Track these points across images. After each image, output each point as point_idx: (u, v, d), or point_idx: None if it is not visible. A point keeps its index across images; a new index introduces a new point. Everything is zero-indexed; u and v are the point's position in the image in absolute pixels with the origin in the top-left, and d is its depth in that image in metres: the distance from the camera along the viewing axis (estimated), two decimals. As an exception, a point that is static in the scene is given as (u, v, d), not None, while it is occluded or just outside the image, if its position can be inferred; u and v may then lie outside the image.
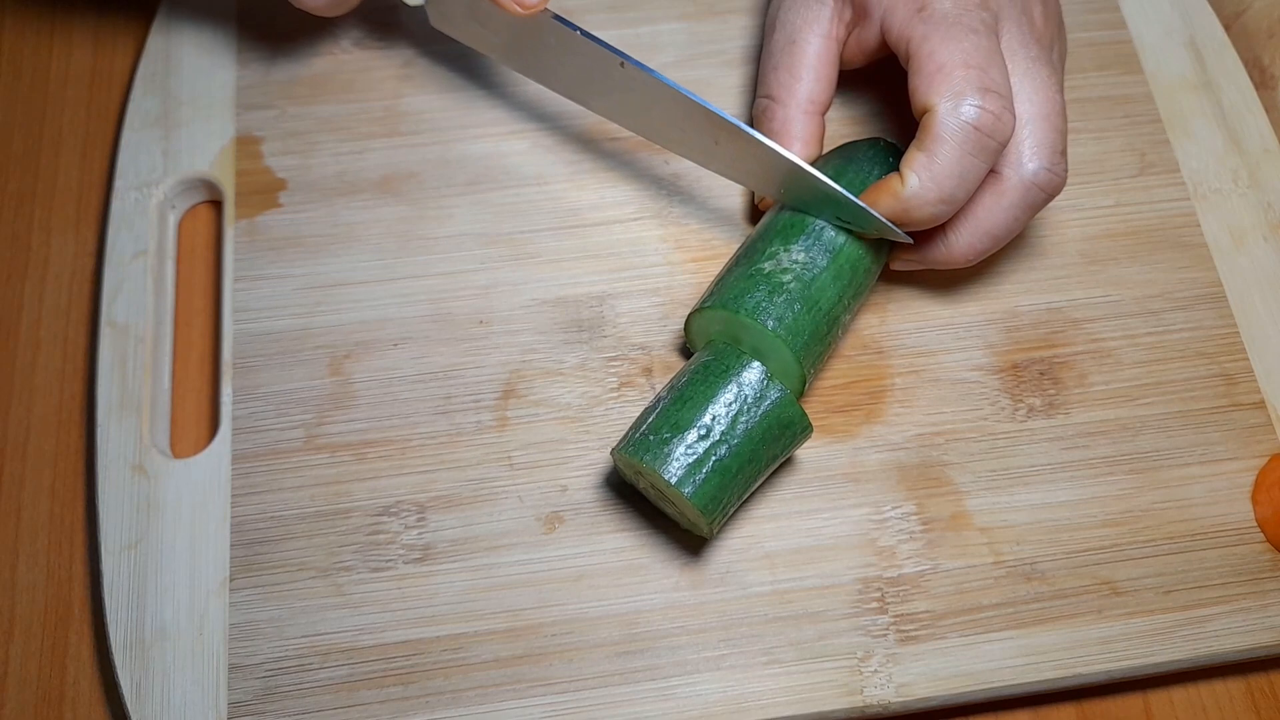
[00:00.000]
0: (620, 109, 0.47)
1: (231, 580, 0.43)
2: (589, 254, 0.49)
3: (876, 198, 0.43)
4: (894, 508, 0.45)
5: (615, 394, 0.47)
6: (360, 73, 0.53)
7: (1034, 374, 0.48)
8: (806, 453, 0.46)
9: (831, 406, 0.47)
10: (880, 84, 0.53)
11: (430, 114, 0.52)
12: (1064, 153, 0.44)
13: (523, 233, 0.50)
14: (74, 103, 0.54)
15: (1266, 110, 0.54)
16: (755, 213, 0.50)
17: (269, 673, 0.42)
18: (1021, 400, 0.47)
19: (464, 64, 0.53)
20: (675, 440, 0.40)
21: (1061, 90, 0.44)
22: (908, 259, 0.46)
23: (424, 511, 0.45)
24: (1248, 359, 0.48)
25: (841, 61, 0.47)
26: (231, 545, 0.44)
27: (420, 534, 0.44)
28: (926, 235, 0.45)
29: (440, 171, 0.51)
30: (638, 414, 0.46)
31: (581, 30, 0.44)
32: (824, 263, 0.44)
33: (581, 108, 0.52)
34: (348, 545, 0.44)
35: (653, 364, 0.47)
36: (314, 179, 0.50)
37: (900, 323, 0.48)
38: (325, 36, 0.53)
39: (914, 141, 0.42)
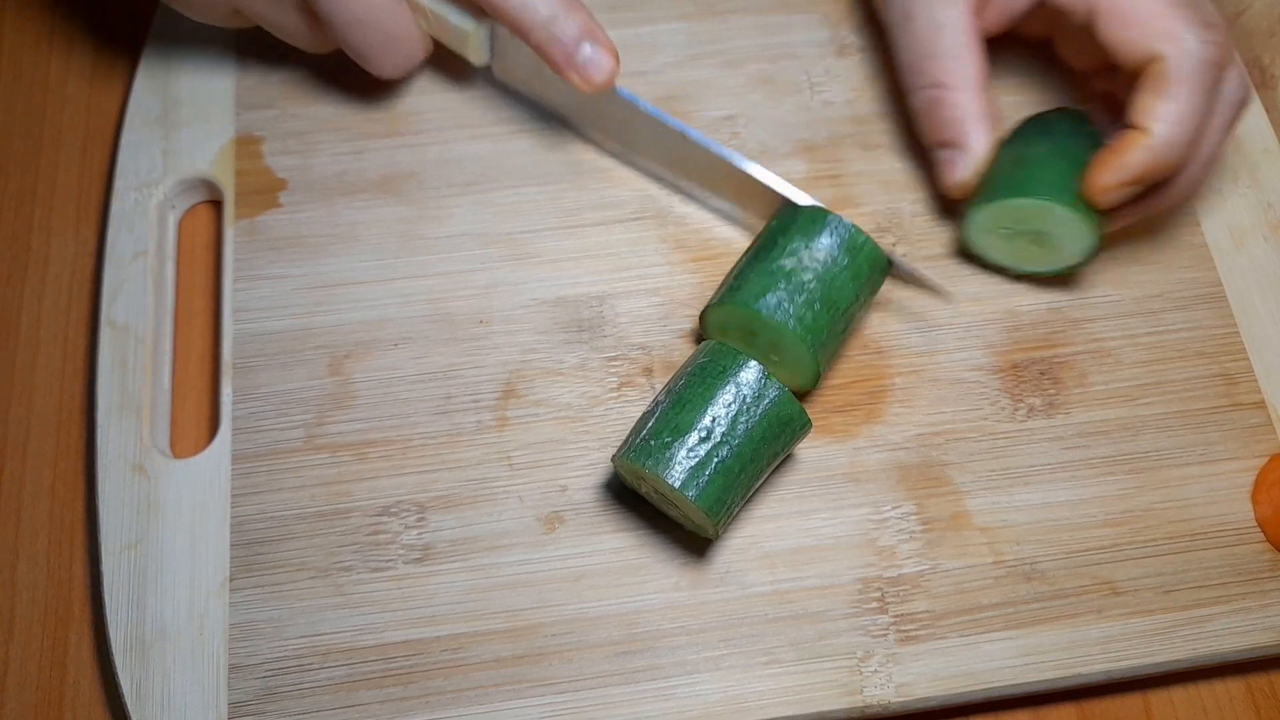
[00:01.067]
0: (678, 174, 0.49)
1: (231, 580, 0.43)
2: (589, 254, 0.49)
3: (1126, 153, 0.42)
4: (894, 507, 0.45)
5: (615, 394, 0.47)
6: (360, 73, 0.52)
7: (1034, 374, 0.48)
8: (806, 453, 0.46)
9: (831, 406, 0.47)
10: (881, 84, 0.53)
11: (430, 114, 0.52)
12: (1211, 24, 0.43)
13: (523, 233, 0.50)
14: (74, 103, 0.54)
15: (1266, 110, 0.54)
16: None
17: (269, 673, 0.42)
18: (1021, 400, 0.47)
19: (464, 64, 0.53)
20: (676, 444, 0.40)
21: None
22: (1134, 213, 0.46)
23: (424, 511, 0.45)
24: (1248, 359, 0.48)
25: (984, 31, 0.47)
26: (231, 545, 0.44)
27: (420, 534, 0.44)
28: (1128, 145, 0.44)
29: (440, 171, 0.51)
30: (638, 414, 0.46)
31: (645, 105, 0.46)
32: (845, 261, 0.44)
33: (581, 108, 0.52)
34: (348, 545, 0.44)
35: (653, 364, 0.47)
36: (314, 179, 0.50)
37: (900, 323, 0.48)
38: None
39: (1145, 89, 0.42)
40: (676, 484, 0.40)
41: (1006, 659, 0.43)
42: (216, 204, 0.51)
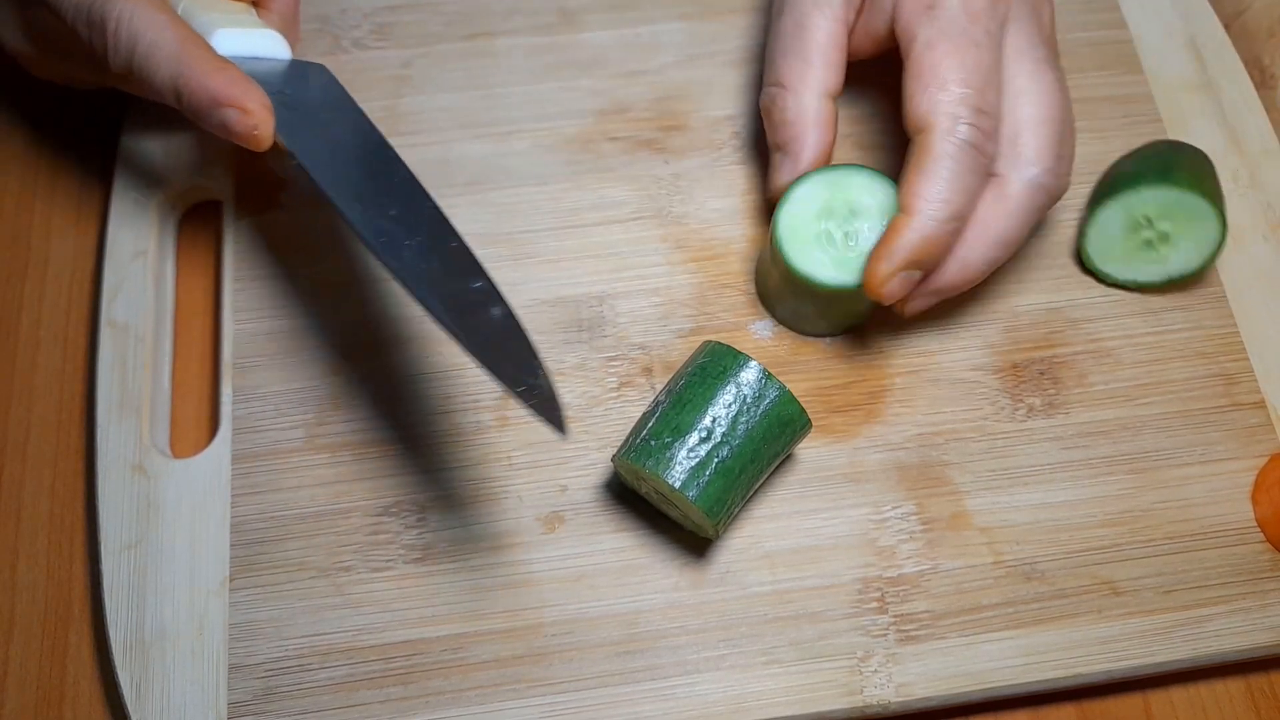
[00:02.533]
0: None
1: (231, 580, 0.43)
2: (589, 254, 0.49)
3: (893, 237, 0.41)
4: (894, 507, 0.45)
5: (615, 394, 0.47)
6: (360, 73, 0.53)
7: (1034, 374, 0.48)
8: (806, 453, 0.46)
9: (831, 406, 0.47)
10: (880, 83, 0.53)
11: (430, 114, 0.52)
12: (1066, 157, 0.44)
13: (523, 233, 0.50)
14: (74, 102, 0.54)
15: (1266, 110, 0.54)
16: (768, 209, 0.50)
17: (269, 673, 0.42)
18: (1021, 400, 0.47)
19: (464, 64, 0.53)
20: (677, 444, 0.40)
21: (1066, 92, 0.44)
22: (923, 296, 0.44)
23: (424, 511, 0.45)
24: (1247, 359, 0.48)
25: (849, 50, 0.46)
26: (231, 545, 0.44)
27: (420, 534, 0.44)
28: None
29: (440, 171, 0.51)
30: (638, 414, 0.46)
31: (308, 172, 0.41)
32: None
33: (581, 107, 0.52)
34: (348, 545, 0.44)
35: (653, 364, 0.47)
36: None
37: (900, 323, 0.48)
38: (325, 37, 0.53)
39: (910, 166, 0.42)
40: (677, 484, 0.40)
41: (1006, 659, 0.43)
42: (216, 204, 0.51)
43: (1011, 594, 0.44)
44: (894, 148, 0.52)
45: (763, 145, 0.52)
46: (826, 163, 0.46)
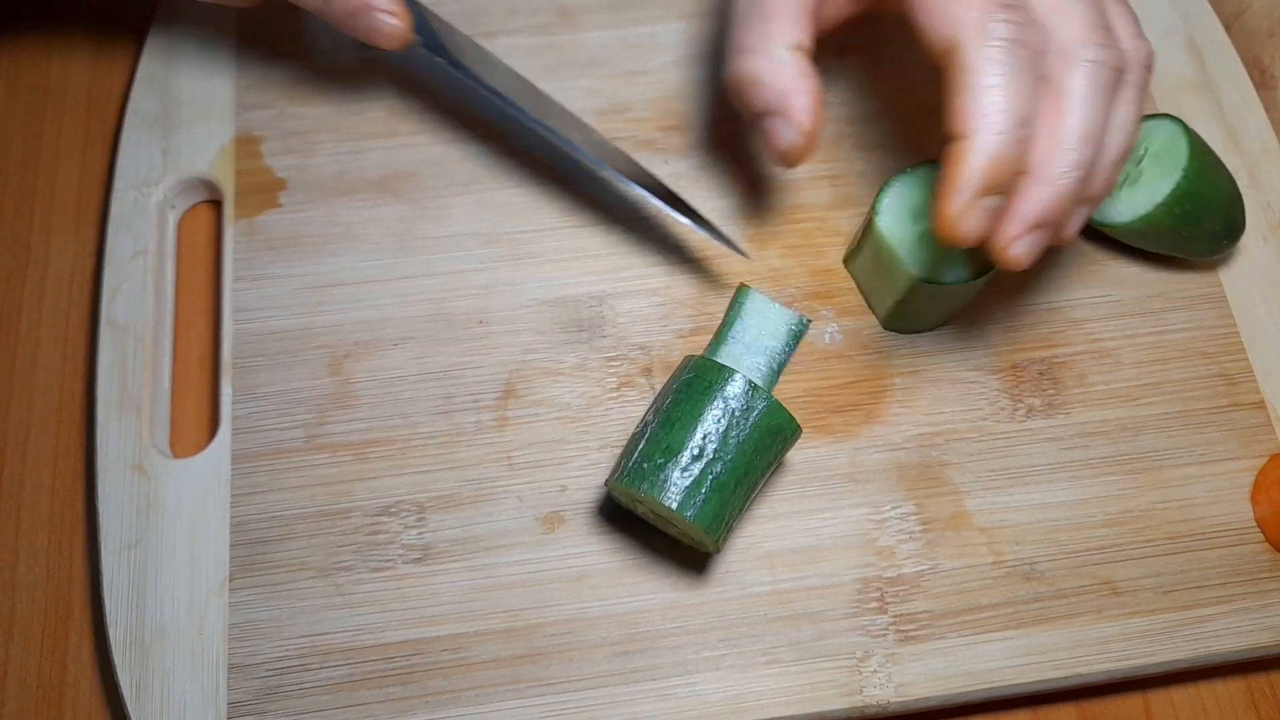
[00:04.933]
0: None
1: (231, 580, 0.43)
2: (589, 254, 0.49)
3: (957, 169, 0.37)
4: (893, 508, 0.45)
5: (615, 394, 0.47)
6: (360, 73, 0.53)
7: (1034, 374, 0.48)
8: (806, 453, 0.46)
9: (831, 406, 0.47)
10: (878, 80, 0.53)
11: (430, 114, 0.52)
12: (1110, 26, 0.39)
13: (523, 233, 0.50)
14: (74, 103, 0.54)
15: (1266, 110, 0.54)
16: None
17: (269, 673, 0.42)
18: (1021, 400, 0.47)
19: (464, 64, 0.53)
20: (669, 465, 0.40)
21: None
22: (1029, 231, 0.38)
23: (424, 511, 0.45)
24: (1247, 359, 0.48)
25: (820, 19, 0.43)
26: (231, 545, 0.44)
27: (420, 534, 0.44)
28: (1018, 193, 0.38)
29: (440, 171, 0.51)
30: (638, 414, 0.46)
31: (452, 60, 0.46)
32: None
33: (581, 107, 0.52)
34: (348, 545, 0.44)
35: (652, 364, 0.47)
36: (314, 179, 0.50)
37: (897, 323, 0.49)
38: (325, 36, 0.53)
39: (950, 89, 0.37)
40: (673, 506, 0.39)
41: (1006, 659, 0.43)
42: (216, 204, 0.51)
43: (1011, 594, 0.44)
44: (894, 148, 0.52)
45: (762, 146, 0.52)
46: (820, 114, 0.42)
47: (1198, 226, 0.47)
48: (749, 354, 0.46)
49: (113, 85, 0.55)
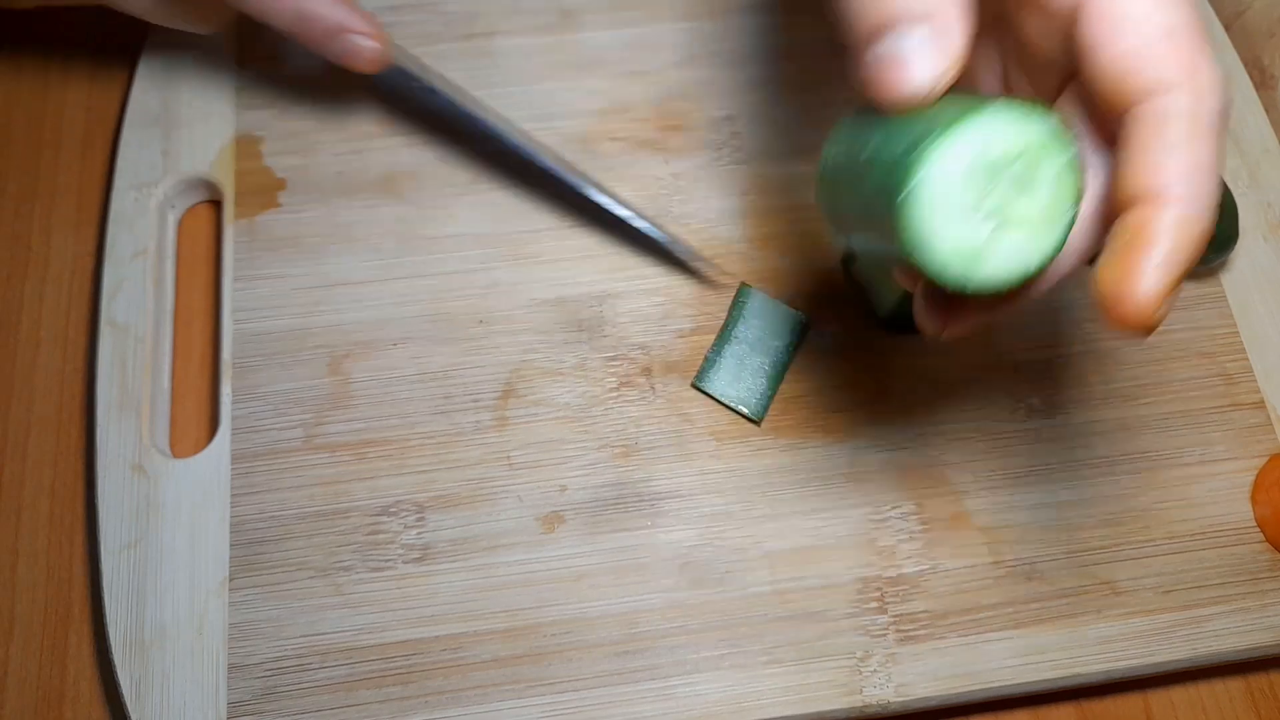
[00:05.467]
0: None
1: (231, 580, 0.43)
2: (589, 254, 0.49)
3: (1160, 246, 0.28)
4: (893, 507, 0.45)
5: (615, 394, 0.47)
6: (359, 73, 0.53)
7: (1033, 374, 0.48)
8: (806, 453, 0.46)
9: (831, 406, 0.47)
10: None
11: (430, 114, 0.52)
12: (1209, 58, 0.30)
13: (523, 233, 0.50)
14: (74, 103, 0.54)
15: (1266, 110, 0.54)
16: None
17: (268, 672, 0.42)
18: (1021, 400, 0.47)
19: (464, 64, 0.53)
20: None
21: None
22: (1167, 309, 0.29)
23: (423, 511, 0.45)
24: (1247, 359, 0.48)
25: None
26: (231, 545, 0.44)
27: (420, 534, 0.44)
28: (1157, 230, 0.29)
29: (440, 171, 0.51)
30: (638, 414, 0.46)
31: (432, 84, 0.48)
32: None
33: (581, 107, 0.52)
34: (347, 545, 0.44)
35: (652, 364, 0.47)
36: (314, 179, 0.50)
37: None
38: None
39: (1148, 142, 0.29)
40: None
41: (1006, 659, 0.43)
42: (216, 204, 0.51)
43: (1011, 594, 0.44)
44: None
45: (763, 146, 0.52)
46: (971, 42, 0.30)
47: None
48: (753, 353, 0.47)
49: (113, 85, 0.55)
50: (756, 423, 0.46)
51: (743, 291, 0.47)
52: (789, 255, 0.50)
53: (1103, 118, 0.31)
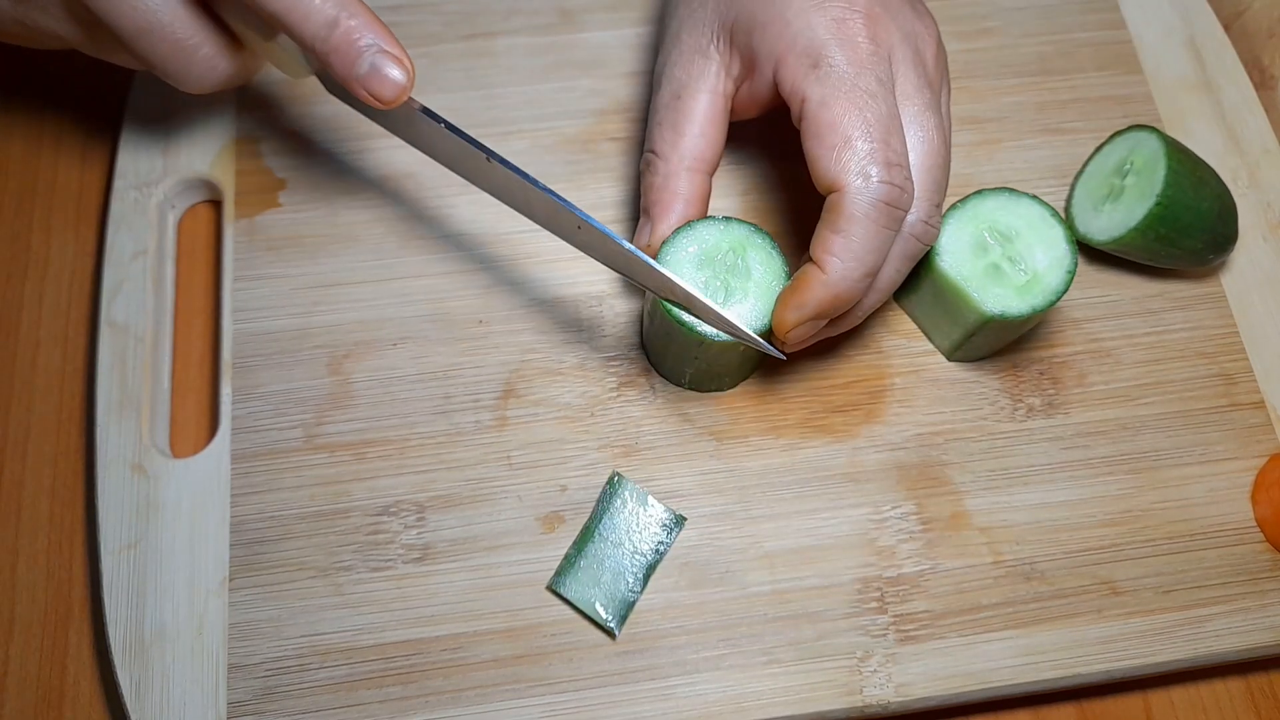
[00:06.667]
0: (496, 190, 0.44)
1: (231, 580, 0.43)
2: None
3: (804, 290, 0.40)
4: (893, 507, 0.45)
5: (615, 393, 0.47)
6: (360, 73, 0.53)
7: (1033, 374, 0.48)
8: (806, 452, 0.46)
9: (831, 406, 0.47)
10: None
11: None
12: (940, 205, 0.42)
13: (523, 232, 0.50)
14: (74, 103, 0.54)
15: (1266, 110, 0.54)
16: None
17: (268, 672, 0.42)
18: (1021, 400, 0.47)
19: (464, 64, 0.53)
20: None
21: (947, 138, 0.42)
22: (801, 333, 0.41)
23: (423, 511, 0.45)
24: (1247, 359, 0.48)
25: (734, 113, 0.45)
26: (231, 545, 0.44)
27: (420, 534, 0.44)
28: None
29: (440, 171, 0.50)
30: (638, 414, 0.46)
31: (448, 124, 0.42)
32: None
33: (581, 107, 0.52)
34: (347, 545, 0.44)
35: (653, 375, 0.47)
36: (313, 179, 0.50)
37: (900, 323, 0.48)
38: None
39: (824, 223, 0.40)
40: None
41: (1006, 659, 0.43)
42: (216, 204, 0.52)
43: (1011, 594, 0.44)
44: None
45: (762, 147, 0.52)
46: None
47: (1175, 247, 0.47)
48: (616, 553, 0.44)
49: (112, 86, 0.55)
50: (613, 636, 0.43)
51: (614, 481, 0.45)
52: (789, 255, 0.50)
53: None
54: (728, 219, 0.43)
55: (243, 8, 0.41)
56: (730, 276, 0.42)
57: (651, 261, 0.41)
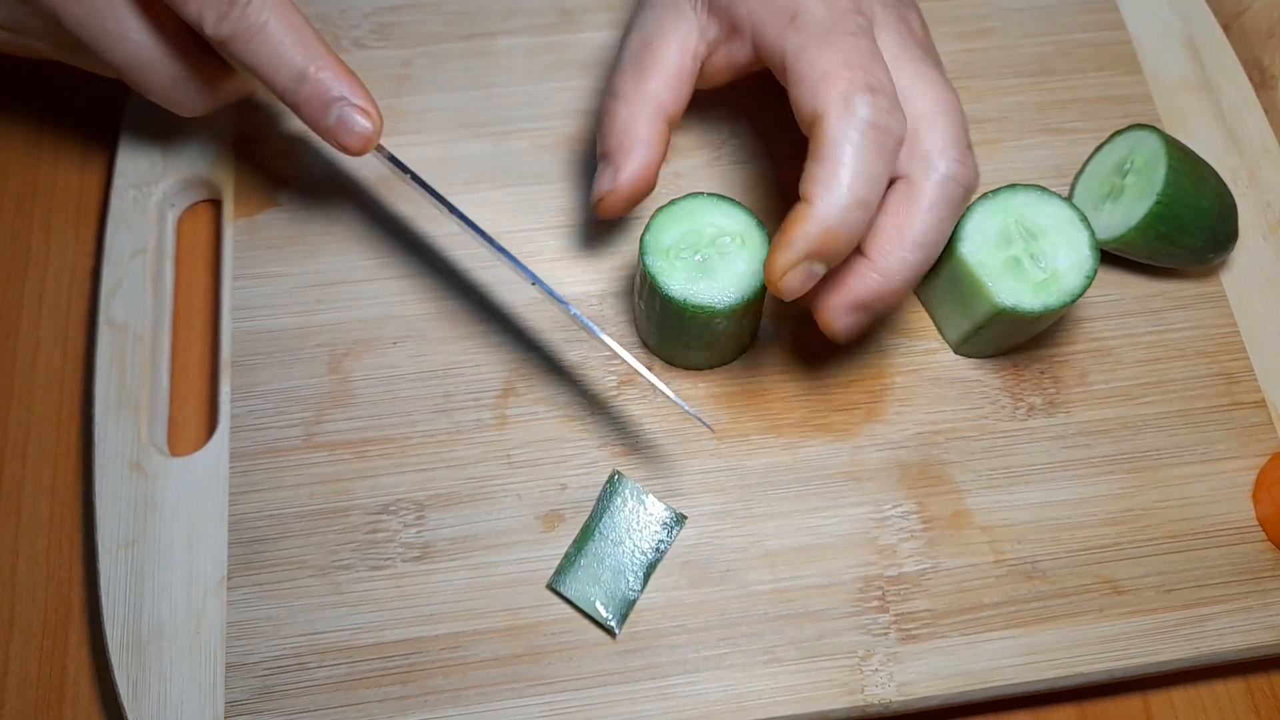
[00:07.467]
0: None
1: (229, 579, 0.43)
2: (589, 253, 0.49)
3: (791, 226, 0.38)
4: (894, 506, 0.45)
5: (615, 393, 0.47)
6: (360, 72, 0.52)
7: (1034, 372, 0.48)
8: (806, 451, 0.46)
9: (831, 405, 0.47)
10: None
11: (430, 113, 0.52)
12: (969, 146, 0.41)
13: (523, 232, 0.50)
14: (74, 103, 0.54)
15: (1266, 110, 0.54)
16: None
17: (267, 671, 0.42)
18: (1022, 399, 0.47)
19: (464, 64, 0.53)
20: None
21: (953, 88, 0.41)
22: (848, 312, 0.40)
23: (423, 510, 0.44)
24: (1248, 358, 0.48)
25: (705, 78, 0.44)
26: (229, 544, 0.44)
27: (419, 532, 0.44)
28: (852, 272, 0.40)
29: (440, 171, 0.51)
30: (638, 413, 0.46)
31: (413, 174, 0.43)
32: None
33: (581, 107, 0.52)
34: (346, 544, 0.44)
35: (652, 362, 0.47)
36: (314, 178, 0.50)
37: (901, 321, 0.48)
38: (325, 36, 0.53)
39: (809, 156, 0.38)
40: None
41: (1007, 658, 0.43)
42: (216, 202, 0.52)
43: (1012, 593, 0.44)
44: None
45: (761, 146, 0.52)
46: (651, 181, 0.44)
47: (1175, 246, 0.47)
48: (616, 551, 0.44)
49: (113, 85, 0.55)
50: (613, 635, 0.43)
51: (614, 480, 0.45)
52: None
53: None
54: (736, 204, 0.44)
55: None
56: (719, 259, 0.42)
57: (597, 329, 0.41)
